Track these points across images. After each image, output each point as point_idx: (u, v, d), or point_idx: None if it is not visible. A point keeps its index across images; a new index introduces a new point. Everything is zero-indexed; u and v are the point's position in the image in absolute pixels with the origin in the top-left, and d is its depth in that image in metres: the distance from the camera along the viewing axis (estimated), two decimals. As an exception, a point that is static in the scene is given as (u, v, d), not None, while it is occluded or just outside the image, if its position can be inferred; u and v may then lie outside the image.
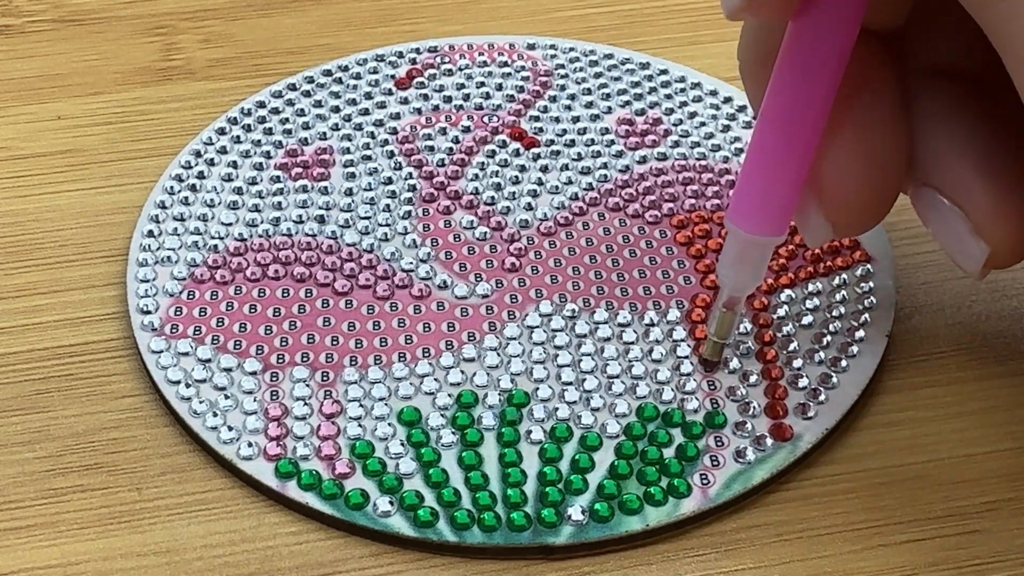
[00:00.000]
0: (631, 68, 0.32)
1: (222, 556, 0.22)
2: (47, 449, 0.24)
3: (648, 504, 0.22)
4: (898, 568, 0.22)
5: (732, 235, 0.22)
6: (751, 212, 0.22)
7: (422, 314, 0.26)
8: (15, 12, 0.34)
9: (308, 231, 0.27)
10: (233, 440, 0.23)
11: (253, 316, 0.26)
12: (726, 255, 0.22)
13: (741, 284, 0.23)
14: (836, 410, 0.24)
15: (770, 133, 0.21)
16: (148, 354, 0.25)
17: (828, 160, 0.21)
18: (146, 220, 0.28)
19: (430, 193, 0.28)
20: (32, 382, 0.25)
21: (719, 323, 0.23)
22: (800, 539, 0.22)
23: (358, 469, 0.23)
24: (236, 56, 0.33)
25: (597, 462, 0.23)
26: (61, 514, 0.23)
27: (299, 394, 0.24)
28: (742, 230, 0.22)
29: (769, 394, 0.24)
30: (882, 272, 0.26)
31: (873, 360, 0.25)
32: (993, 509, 0.23)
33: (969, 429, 0.24)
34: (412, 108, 0.31)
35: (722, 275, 0.23)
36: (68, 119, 0.31)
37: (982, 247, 0.21)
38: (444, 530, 0.22)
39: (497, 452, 0.23)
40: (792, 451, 0.23)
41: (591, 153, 0.29)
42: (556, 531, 0.22)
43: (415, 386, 0.24)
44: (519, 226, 0.28)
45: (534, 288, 0.26)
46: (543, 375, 0.24)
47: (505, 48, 0.32)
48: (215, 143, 0.30)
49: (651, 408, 0.24)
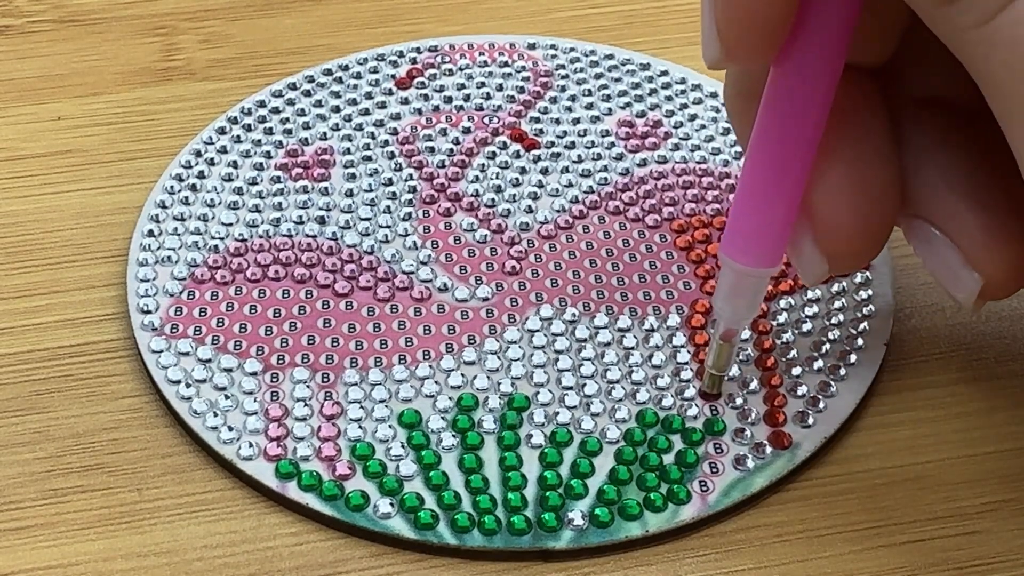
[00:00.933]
0: (632, 69, 0.32)
1: (222, 557, 0.22)
2: (47, 450, 0.24)
3: (648, 510, 0.22)
4: (898, 568, 0.22)
5: (726, 268, 0.22)
6: (744, 245, 0.21)
7: (422, 316, 0.26)
8: (15, 12, 0.34)
9: (309, 232, 0.27)
10: (233, 440, 0.23)
11: (253, 317, 0.26)
12: (721, 288, 0.22)
13: (737, 316, 0.23)
14: (835, 418, 0.24)
15: (759, 170, 0.21)
16: (148, 354, 0.25)
17: (820, 194, 0.21)
18: (146, 220, 0.28)
19: (430, 195, 0.28)
20: (32, 383, 0.25)
21: (717, 355, 0.23)
22: (800, 540, 0.22)
23: (358, 471, 0.23)
24: (236, 56, 0.33)
25: (597, 467, 0.23)
26: (61, 515, 0.23)
27: (300, 395, 0.24)
28: (736, 263, 0.22)
29: (768, 401, 0.24)
30: (881, 279, 0.26)
31: (872, 368, 0.25)
32: (993, 509, 0.23)
33: (969, 429, 0.24)
34: (412, 108, 0.31)
35: (718, 307, 0.23)
36: (68, 119, 0.31)
37: (975, 278, 0.21)
38: (444, 533, 0.22)
39: (497, 456, 0.23)
40: (791, 459, 0.23)
41: (591, 155, 0.29)
42: (556, 535, 0.22)
43: (415, 388, 0.24)
44: (519, 229, 0.28)
45: (534, 292, 0.26)
46: (543, 379, 0.24)
47: (506, 48, 0.32)
48: (215, 143, 0.30)
49: (651, 414, 0.24)
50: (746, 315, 0.23)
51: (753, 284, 0.22)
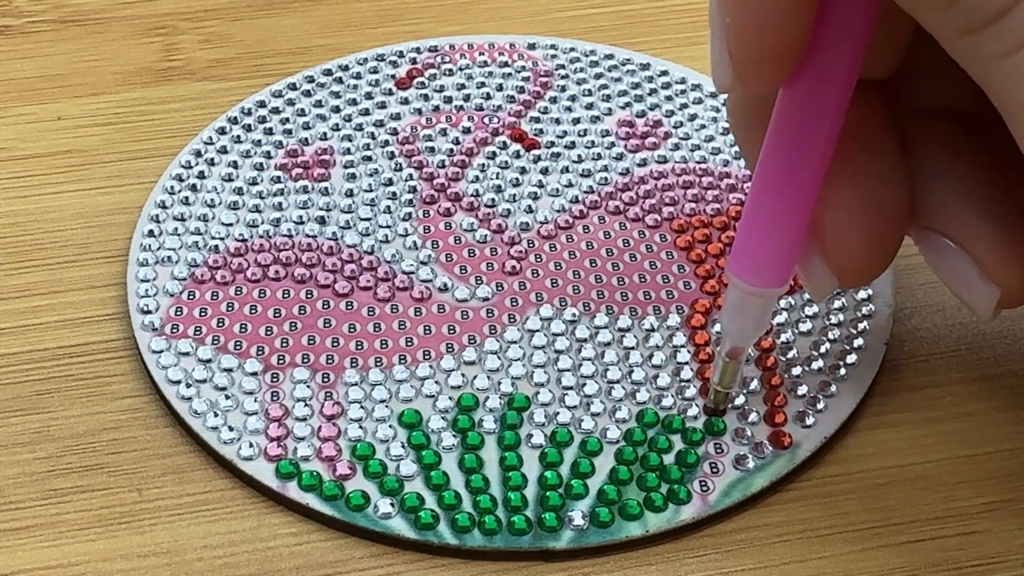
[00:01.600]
0: (631, 69, 0.32)
1: (222, 557, 0.22)
2: (47, 450, 0.24)
3: (648, 510, 0.22)
4: (898, 568, 0.22)
5: (733, 286, 0.22)
6: (751, 264, 0.21)
7: (423, 316, 0.26)
8: (15, 12, 0.34)
9: (309, 232, 0.27)
10: (234, 440, 0.23)
11: (254, 317, 0.26)
12: (727, 306, 0.22)
13: (744, 335, 0.22)
14: (835, 418, 0.24)
15: (767, 190, 0.20)
16: (148, 354, 0.25)
17: (829, 212, 0.21)
18: (146, 220, 0.28)
19: (430, 195, 0.28)
20: (32, 383, 0.25)
21: (723, 373, 0.23)
22: (800, 540, 0.22)
23: (359, 471, 0.23)
24: (236, 56, 0.33)
25: (597, 467, 0.23)
26: (61, 515, 0.23)
27: (300, 395, 0.24)
28: (743, 282, 0.21)
29: (768, 401, 0.24)
30: (881, 279, 0.26)
31: (871, 368, 0.25)
32: (993, 509, 0.23)
33: (969, 429, 0.24)
34: (412, 108, 0.31)
35: (724, 325, 0.22)
36: (68, 119, 0.31)
37: (992, 289, 0.20)
38: (445, 533, 0.22)
39: (498, 456, 0.23)
40: (791, 459, 0.23)
41: (591, 155, 0.29)
42: (557, 535, 0.22)
43: (416, 388, 0.24)
44: (519, 229, 0.28)
45: (534, 291, 0.26)
46: (544, 379, 0.24)
47: (505, 48, 0.32)
48: (215, 143, 0.30)
49: (651, 414, 0.24)
50: (753, 334, 0.22)
51: (761, 303, 0.22)
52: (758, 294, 0.21)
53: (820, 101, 0.19)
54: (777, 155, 0.20)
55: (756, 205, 0.21)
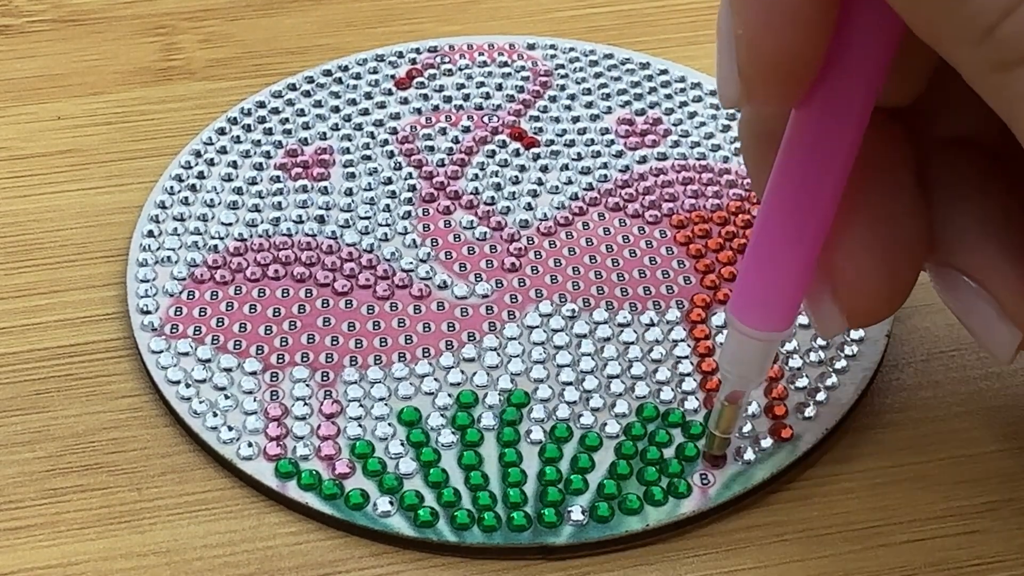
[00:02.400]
0: (631, 68, 0.32)
1: (222, 556, 0.22)
2: (47, 449, 0.24)
3: (648, 504, 0.22)
4: (898, 568, 0.22)
5: (733, 329, 0.20)
6: (754, 307, 0.20)
7: (422, 314, 0.26)
8: (15, 12, 0.34)
9: (308, 231, 0.27)
10: (233, 440, 0.23)
11: (253, 316, 0.26)
12: (727, 349, 0.21)
13: (745, 380, 0.21)
14: (836, 411, 0.24)
15: (775, 226, 0.19)
16: (148, 354, 0.25)
17: (842, 251, 0.19)
18: (146, 220, 0.28)
19: (430, 193, 0.28)
20: (32, 382, 0.25)
21: (722, 417, 0.22)
22: (800, 539, 0.22)
23: (358, 469, 0.23)
24: (236, 56, 0.33)
25: (597, 462, 0.23)
26: (61, 514, 0.23)
27: (299, 394, 0.24)
28: (745, 325, 0.20)
29: (768, 394, 0.24)
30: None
31: (873, 360, 0.25)
32: (993, 509, 0.23)
33: (969, 429, 0.24)
34: (412, 108, 0.31)
35: (724, 369, 0.21)
36: (68, 119, 0.31)
37: (1014, 332, 0.19)
38: (444, 530, 0.22)
39: (497, 452, 0.23)
40: (792, 451, 0.23)
41: (591, 153, 0.29)
42: (556, 531, 0.22)
43: (415, 386, 0.24)
44: (519, 226, 0.28)
45: (534, 288, 0.26)
46: (543, 375, 0.24)
47: (505, 48, 0.32)
48: (215, 143, 0.30)
49: (651, 408, 0.24)
50: (755, 379, 0.21)
51: (763, 347, 0.20)
52: (761, 338, 0.20)
53: (834, 126, 0.18)
54: (786, 183, 0.18)
55: (761, 241, 0.19)
